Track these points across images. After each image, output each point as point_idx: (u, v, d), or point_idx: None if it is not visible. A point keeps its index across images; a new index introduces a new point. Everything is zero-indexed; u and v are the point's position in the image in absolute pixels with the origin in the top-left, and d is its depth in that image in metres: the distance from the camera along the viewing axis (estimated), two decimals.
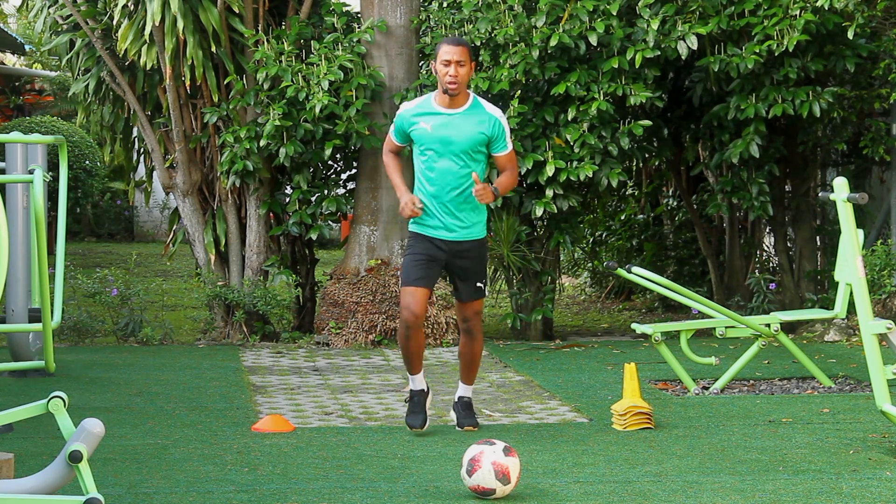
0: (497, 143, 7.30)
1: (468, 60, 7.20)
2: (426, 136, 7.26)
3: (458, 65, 7.17)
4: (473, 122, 7.26)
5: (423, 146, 7.28)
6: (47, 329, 8.53)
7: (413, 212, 7.23)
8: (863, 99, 11.23)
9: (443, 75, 7.20)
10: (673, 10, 10.62)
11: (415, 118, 7.31)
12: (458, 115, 7.27)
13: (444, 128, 7.25)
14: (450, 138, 7.22)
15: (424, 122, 7.27)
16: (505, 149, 7.33)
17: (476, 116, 7.28)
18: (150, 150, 11.73)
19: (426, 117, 7.29)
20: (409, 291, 7.25)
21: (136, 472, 6.45)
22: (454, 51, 7.18)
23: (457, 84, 7.19)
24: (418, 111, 7.33)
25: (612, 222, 14.43)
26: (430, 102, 7.34)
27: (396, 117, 7.42)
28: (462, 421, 7.50)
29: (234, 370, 9.74)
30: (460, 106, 7.28)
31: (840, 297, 8.58)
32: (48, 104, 21.99)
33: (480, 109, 7.30)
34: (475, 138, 7.24)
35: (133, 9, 11.01)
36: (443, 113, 7.28)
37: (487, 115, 7.28)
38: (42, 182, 8.16)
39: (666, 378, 9.16)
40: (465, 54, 7.19)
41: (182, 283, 15.51)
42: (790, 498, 5.95)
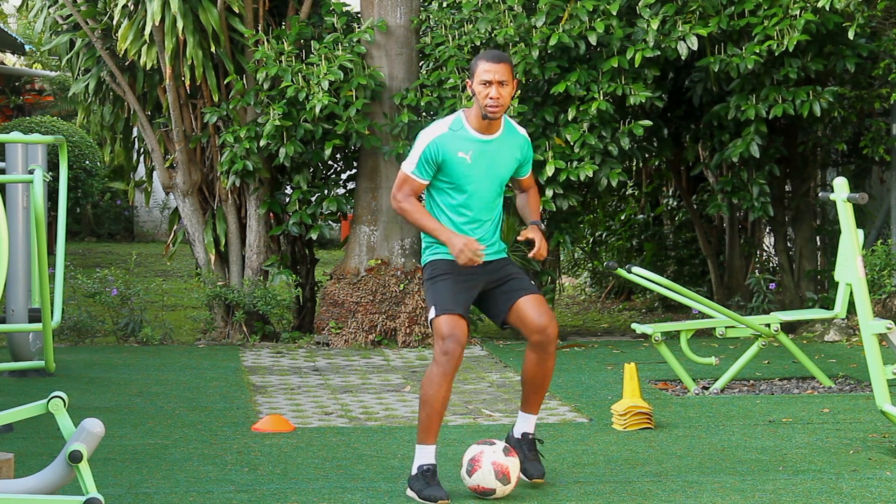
0: (526, 166, 6.33)
1: (511, 79, 6.07)
2: (465, 167, 6.08)
3: (500, 85, 6.02)
4: (510, 147, 6.20)
5: (460, 178, 6.11)
6: (47, 329, 8.53)
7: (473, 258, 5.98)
8: (863, 99, 11.23)
9: (483, 97, 6.03)
10: (673, 10, 10.62)
11: (454, 144, 6.09)
12: (495, 142, 6.15)
13: (484, 157, 6.11)
14: (490, 169, 6.13)
15: (463, 152, 6.08)
16: (530, 170, 6.37)
17: (512, 141, 6.22)
18: (150, 150, 11.73)
19: (465, 144, 6.10)
20: (450, 320, 5.99)
21: (136, 472, 6.45)
22: (496, 69, 6.03)
23: (498, 108, 6.04)
24: (454, 136, 6.10)
25: (612, 222, 14.43)
26: (465, 126, 6.13)
27: (425, 146, 6.09)
28: (529, 467, 6.24)
29: (234, 370, 9.74)
30: (496, 131, 6.16)
31: (840, 297, 8.58)
32: (48, 104, 21.99)
33: (514, 132, 6.25)
34: (512, 165, 6.23)
35: (133, 9, 11.01)
36: (481, 140, 6.12)
37: (521, 136, 6.26)
38: (42, 182, 8.16)
39: (666, 378, 9.16)
40: (507, 73, 6.04)
41: (182, 283, 15.51)
42: (790, 498, 5.95)
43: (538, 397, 6.24)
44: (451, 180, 6.11)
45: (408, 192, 6.14)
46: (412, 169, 6.11)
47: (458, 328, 5.97)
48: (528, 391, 6.22)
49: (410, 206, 6.12)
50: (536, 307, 6.10)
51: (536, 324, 6.07)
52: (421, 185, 6.13)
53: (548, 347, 6.10)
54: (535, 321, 6.07)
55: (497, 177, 6.16)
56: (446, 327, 5.97)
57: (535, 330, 6.08)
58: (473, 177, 6.10)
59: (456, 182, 6.11)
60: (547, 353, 6.11)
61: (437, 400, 5.96)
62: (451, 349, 5.93)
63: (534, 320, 6.08)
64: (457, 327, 5.97)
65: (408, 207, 6.12)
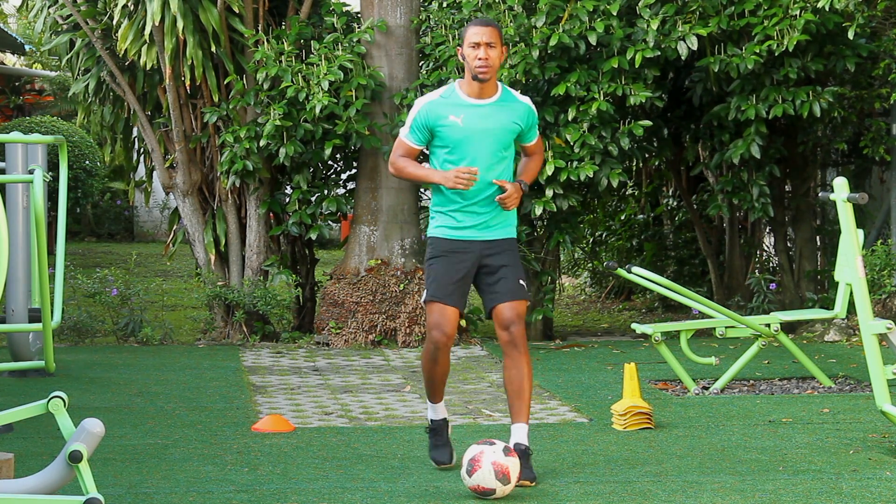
0: (529, 133, 6.48)
1: (499, 42, 6.31)
2: (457, 130, 6.33)
3: (488, 46, 6.27)
4: (507, 112, 6.38)
5: (453, 142, 6.34)
6: (47, 329, 8.53)
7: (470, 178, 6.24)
8: (863, 99, 11.23)
9: (472, 59, 6.28)
10: (673, 10, 10.62)
11: (443, 109, 6.35)
12: (489, 106, 6.36)
13: (476, 120, 6.34)
14: (484, 131, 6.33)
15: (454, 115, 6.33)
16: (535, 137, 6.51)
17: (509, 106, 6.39)
18: (150, 150, 11.73)
19: (456, 108, 6.35)
20: (440, 309, 6.34)
21: (136, 472, 6.45)
22: (483, 31, 6.28)
23: (488, 68, 6.27)
24: (446, 102, 6.37)
25: (612, 222, 14.43)
26: (457, 92, 6.40)
27: (417, 112, 6.40)
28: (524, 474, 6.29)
29: (234, 370, 9.74)
30: (491, 95, 6.37)
31: (840, 297, 8.58)
32: (48, 104, 21.99)
33: (513, 98, 6.43)
34: (510, 130, 6.38)
35: (133, 9, 11.01)
36: (473, 104, 6.35)
37: (521, 104, 6.43)
38: (42, 182, 8.16)
39: (666, 378, 9.16)
40: (495, 35, 6.29)
41: (182, 283, 15.51)
42: (790, 498, 5.95)
43: (521, 403, 6.37)
44: (445, 144, 6.37)
45: (401, 153, 6.47)
46: (406, 133, 6.45)
47: (445, 319, 6.33)
48: (510, 397, 6.41)
49: (403, 163, 6.46)
50: (509, 309, 6.34)
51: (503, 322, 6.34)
52: (413, 149, 6.45)
53: (517, 347, 6.33)
54: (503, 321, 6.34)
55: (493, 140, 6.35)
56: (433, 317, 6.35)
57: (502, 327, 6.35)
58: (467, 139, 6.34)
59: (451, 145, 6.36)
60: (518, 352, 6.34)
61: (433, 372, 6.46)
62: (437, 339, 6.35)
63: (502, 320, 6.34)
64: (443, 318, 6.33)
65: (401, 164, 6.46)
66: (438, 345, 6.34)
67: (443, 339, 6.32)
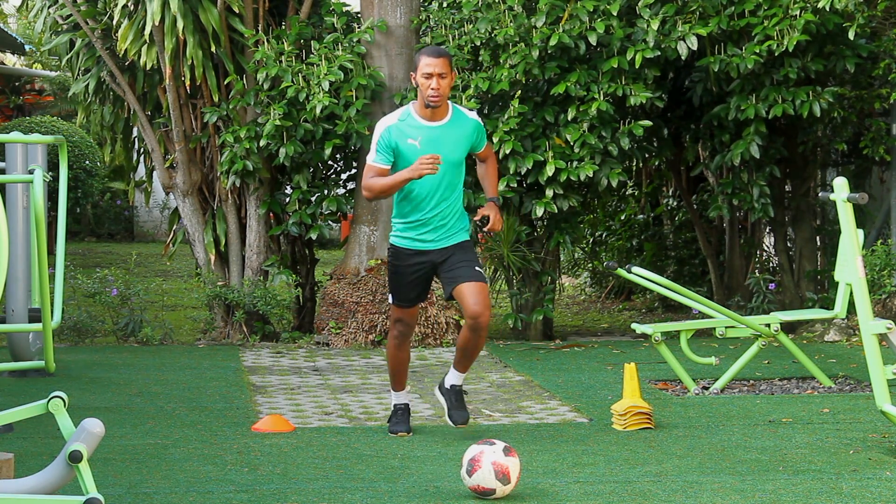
0: (479, 144, 7.16)
1: (449, 71, 6.93)
2: (415, 153, 6.92)
3: (439, 77, 6.90)
4: (459, 132, 7.04)
5: (411, 162, 6.91)
6: (47, 329, 8.53)
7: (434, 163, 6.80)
8: (863, 99, 11.23)
9: (425, 88, 6.92)
10: (673, 10, 10.62)
11: (405, 130, 6.98)
12: (442, 128, 7.00)
13: (431, 143, 6.95)
14: (439, 151, 6.92)
15: (412, 138, 6.96)
16: (485, 143, 7.20)
17: (460, 126, 7.05)
18: (150, 150, 11.73)
19: (414, 131, 6.98)
20: (402, 310, 7.21)
21: (136, 472, 6.45)
22: (435, 63, 6.91)
23: (439, 97, 6.92)
24: (405, 124, 7.00)
25: (612, 222, 14.43)
26: (413, 116, 7.02)
27: (380, 135, 6.98)
28: (454, 415, 7.22)
29: (234, 370, 9.74)
30: (442, 118, 7.02)
31: (840, 297, 8.58)
32: (48, 104, 21.99)
33: (462, 117, 7.08)
34: (461, 148, 7.04)
35: (133, 9, 11.01)
36: (428, 126, 6.99)
37: (470, 121, 7.09)
38: (42, 182, 8.16)
39: (666, 378, 9.16)
40: (446, 66, 6.91)
41: (182, 283, 15.51)
42: (790, 498, 5.95)
43: (469, 361, 7.21)
44: (403, 164, 6.95)
45: (371, 175, 7.04)
46: (373, 157, 7.04)
47: (409, 315, 7.21)
48: (460, 356, 7.18)
49: (374, 182, 7.01)
50: (475, 295, 6.97)
51: (471, 311, 6.95)
52: (383, 169, 7.02)
53: (480, 331, 6.99)
54: (471, 308, 6.95)
55: (446, 159, 6.94)
56: (397, 314, 7.22)
57: (470, 316, 6.96)
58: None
59: (406, 163, 6.94)
60: (479, 334, 7.01)
61: (397, 358, 7.31)
62: (402, 330, 7.24)
63: (470, 307, 6.95)
64: (405, 315, 7.20)
65: (372, 184, 7.02)
66: (404, 332, 7.23)
67: (406, 330, 7.23)
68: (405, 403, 7.45)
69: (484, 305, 6.95)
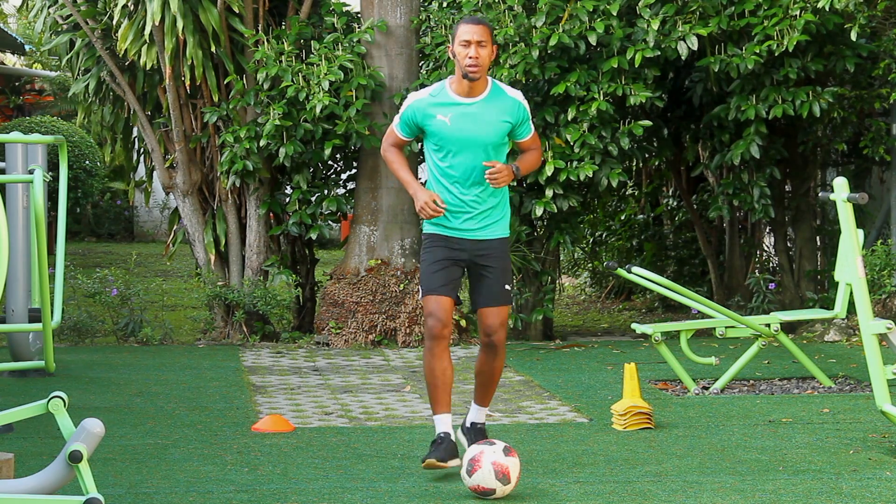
0: (522, 128, 6.47)
1: (490, 41, 6.32)
2: (445, 130, 6.36)
3: (478, 45, 6.29)
4: (496, 109, 6.38)
5: (441, 141, 6.38)
6: (47, 329, 8.53)
7: (434, 211, 6.34)
8: (863, 99, 11.22)
9: (462, 57, 6.30)
10: (673, 10, 10.62)
11: (431, 109, 6.40)
12: (478, 104, 6.37)
13: (464, 119, 6.36)
14: (472, 131, 6.35)
15: (442, 115, 6.37)
16: (529, 132, 6.51)
17: (498, 103, 6.40)
18: (150, 150, 11.73)
19: (444, 108, 6.39)
20: (434, 299, 6.37)
21: (136, 472, 6.45)
22: (475, 30, 6.30)
23: (478, 67, 6.29)
24: (434, 101, 6.41)
25: (612, 222, 14.43)
26: (446, 91, 6.42)
27: (406, 108, 6.48)
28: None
29: (234, 370, 9.74)
30: (480, 93, 6.39)
31: (840, 297, 8.58)
32: (48, 104, 21.99)
33: (502, 94, 6.43)
34: (499, 128, 6.39)
35: (133, 9, 11.01)
36: (462, 103, 6.38)
37: (511, 99, 6.42)
38: (42, 182, 8.15)
39: (666, 378, 9.16)
40: (486, 34, 6.31)
41: (182, 283, 15.51)
42: (790, 498, 5.95)
43: (488, 391, 6.58)
44: (434, 142, 6.43)
45: (391, 141, 6.62)
46: (396, 123, 6.57)
47: (440, 307, 6.35)
48: (478, 384, 6.58)
49: (391, 157, 6.62)
50: (494, 316, 6.45)
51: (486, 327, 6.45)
52: (401, 139, 6.58)
53: (496, 350, 6.48)
54: (486, 327, 6.45)
55: (481, 139, 6.37)
56: (428, 307, 6.39)
57: (484, 332, 6.46)
58: (455, 138, 6.38)
59: (439, 144, 6.42)
60: (495, 354, 6.49)
61: (432, 373, 6.36)
62: (432, 325, 6.34)
63: (485, 326, 6.45)
64: (437, 306, 6.36)
65: (389, 157, 6.63)
66: (434, 332, 6.32)
67: (437, 325, 6.33)
68: (445, 433, 6.37)
69: (501, 324, 6.44)
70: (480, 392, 6.58)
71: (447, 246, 6.44)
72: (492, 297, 6.45)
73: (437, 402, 6.39)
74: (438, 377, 6.36)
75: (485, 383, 6.56)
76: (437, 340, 6.34)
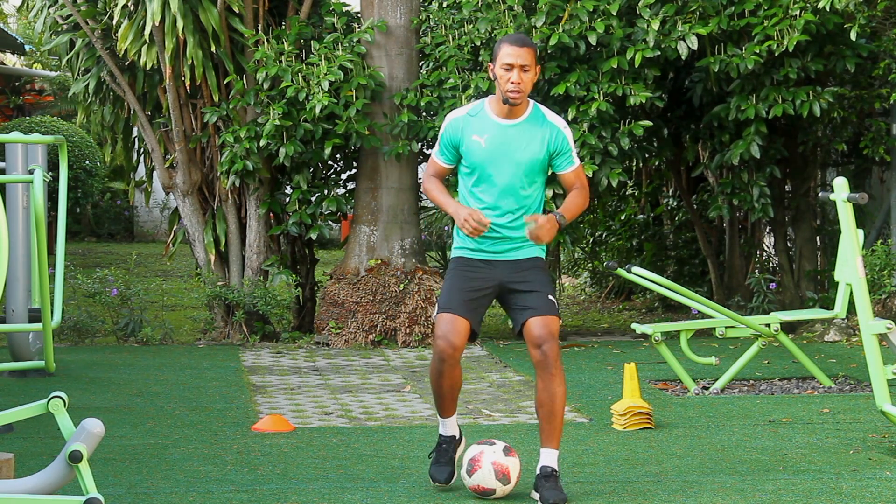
0: (561, 158, 6.06)
1: (534, 64, 5.96)
2: (479, 152, 6.01)
3: (521, 70, 5.92)
4: (534, 133, 6.02)
5: (475, 163, 6.03)
6: (47, 329, 8.53)
7: (477, 227, 5.88)
8: (863, 99, 11.23)
9: (504, 82, 5.94)
10: (673, 10, 10.62)
11: (468, 128, 6.04)
12: (516, 127, 6.02)
13: (499, 142, 6.00)
14: (507, 154, 5.99)
15: (478, 135, 6.02)
16: (571, 164, 6.08)
17: (537, 127, 6.03)
18: (150, 150, 11.73)
19: (479, 129, 6.03)
20: (447, 319, 5.99)
21: (136, 472, 6.45)
22: (518, 53, 5.93)
23: (520, 94, 5.95)
24: (471, 121, 6.05)
25: (612, 222, 14.43)
26: (485, 111, 6.07)
27: (444, 128, 6.12)
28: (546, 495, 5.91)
29: (234, 370, 9.74)
30: (519, 116, 6.04)
31: (840, 297, 8.58)
32: (48, 104, 21.99)
33: (541, 118, 6.06)
34: (535, 153, 6.01)
35: (133, 9, 11.01)
36: (499, 124, 6.02)
37: (550, 125, 6.05)
38: (42, 182, 8.15)
39: (666, 378, 9.16)
40: (530, 57, 5.94)
41: (182, 283, 15.51)
42: (790, 498, 5.95)
43: (551, 427, 6.00)
44: (468, 164, 6.07)
45: (431, 172, 6.19)
46: (436, 152, 6.18)
47: (452, 329, 5.96)
48: (540, 420, 6.04)
49: (430, 185, 6.17)
50: (541, 326, 5.98)
51: (535, 340, 5.98)
52: (442, 167, 6.16)
53: (549, 368, 5.96)
54: (535, 339, 5.98)
55: (517, 162, 5.99)
56: (439, 328, 5.99)
57: (534, 344, 5.99)
58: (489, 161, 6.01)
59: (472, 166, 6.05)
60: (549, 373, 5.97)
61: (440, 386, 6.08)
62: (441, 349, 5.97)
63: (533, 337, 5.99)
64: (450, 328, 5.96)
65: (427, 186, 6.19)
66: (443, 356, 5.96)
67: (448, 349, 5.95)
68: (451, 436, 6.21)
69: (550, 334, 5.95)
70: (547, 428, 6.01)
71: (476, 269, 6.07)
72: (537, 307, 5.99)
73: (444, 409, 6.19)
74: (446, 391, 6.11)
75: (548, 416, 6.00)
76: (447, 363, 6.00)
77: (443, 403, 6.15)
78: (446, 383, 6.06)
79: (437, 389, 6.10)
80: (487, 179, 6.02)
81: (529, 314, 5.99)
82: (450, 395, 6.11)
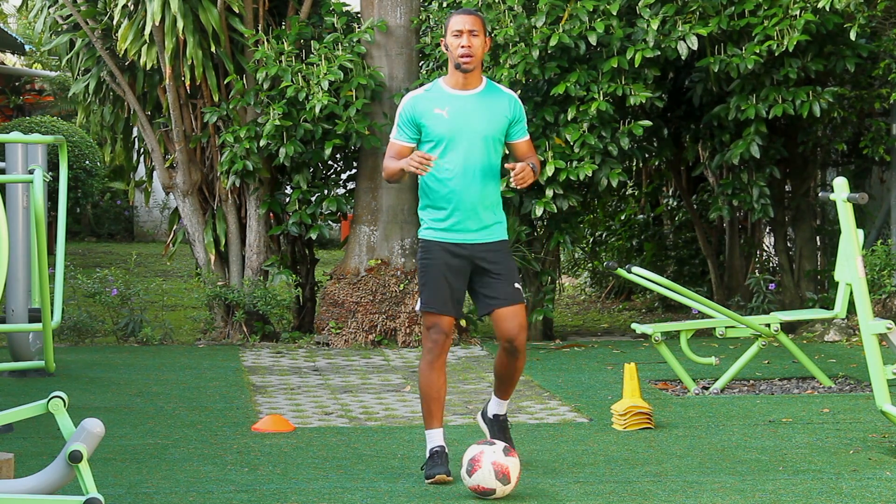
0: (518, 127, 6.31)
1: (482, 31, 6.21)
2: (443, 122, 6.19)
3: (471, 34, 6.18)
4: (493, 102, 6.26)
5: (441, 134, 6.20)
6: (47, 329, 8.53)
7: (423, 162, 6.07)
8: (863, 99, 11.23)
9: (455, 48, 6.20)
10: (673, 10, 10.62)
11: (428, 103, 6.24)
12: (475, 97, 6.25)
13: (463, 111, 6.22)
14: (471, 123, 6.20)
15: (439, 108, 6.22)
16: (525, 134, 6.36)
17: (494, 97, 6.27)
18: (150, 150, 11.73)
19: (440, 102, 6.24)
20: (435, 318, 6.23)
21: (136, 472, 6.45)
22: (466, 20, 6.19)
23: (471, 57, 6.18)
24: (429, 96, 6.28)
25: (612, 222, 14.44)
26: (441, 86, 6.31)
27: (402, 108, 6.30)
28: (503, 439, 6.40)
29: (234, 370, 9.74)
30: (475, 87, 6.27)
31: (840, 297, 8.58)
32: (48, 104, 21.99)
33: (497, 90, 6.33)
34: (498, 121, 6.24)
35: (133, 9, 11.01)
36: (459, 95, 6.25)
37: (506, 95, 6.32)
38: (42, 182, 8.15)
39: (666, 378, 9.16)
40: (478, 24, 6.20)
41: (182, 283, 15.51)
42: (790, 498, 5.95)
43: (509, 388, 6.47)
44: (431, 139, 6.23)
45: (390, 155, 6.32)
46: (394, 134, 6.33)
47: (442, 322, 6.23)
48: (498, 383, 6.46)
49: (386, 163, 6.32)
50: (511, 318, 6.26)
51: (506, 333, 6.26)
52: (402, 146, 6.29)
53: (517, 353, 6.31)
54: (506, 331, 6.26)
55: (479, 132, 6.22)
56: (429, 319, 6.24)
57: (506, 339, 6.27)
58: (454, 130, 6.21)
59: (436, 139, 6.22)
60: (515, 357, 6.33)
61: (429, 387, 6.26)
62: (435, 339, 6.22)
63: (504, 330, 6.26)
64: (440, 322, 6.23)
65: (385, 164, 6.33)
66: (437, 345, 6.20)
67: (441, 338, 6.22)
68: (440, 446, 6.30)
69: (520, 327, 6.24)
70: (502, 388, 6.49)
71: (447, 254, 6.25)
72: (504, 297, 6.24)
73: (432, 417, 6.30)
74: (435, 391, 6.26)
75: (506, 380, 6.44)
76: (439, 355, 6.23)
77: (432, 407, 6.27)
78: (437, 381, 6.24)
79: (428, 388, 6.25)
80: (453, 150, 6.20)
81: (498, 304, 6.26)
82: (438, 396, 6.27)
